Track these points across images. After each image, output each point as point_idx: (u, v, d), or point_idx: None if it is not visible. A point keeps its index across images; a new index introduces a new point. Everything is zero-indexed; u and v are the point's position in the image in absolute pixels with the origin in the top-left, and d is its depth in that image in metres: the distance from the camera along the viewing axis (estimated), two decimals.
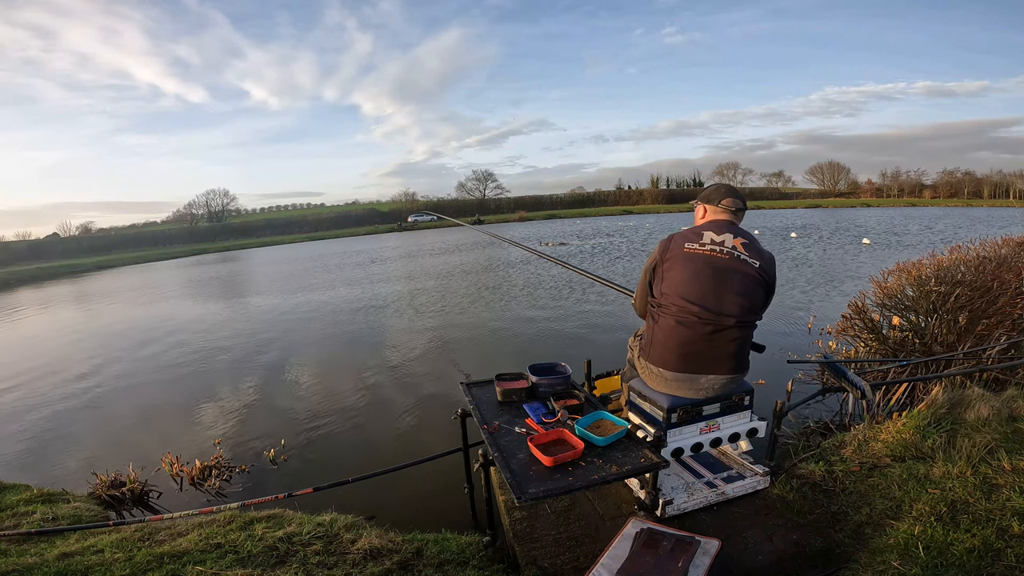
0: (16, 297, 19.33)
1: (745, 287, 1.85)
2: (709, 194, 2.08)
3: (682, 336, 1.85)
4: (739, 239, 1.93)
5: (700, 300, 1.84)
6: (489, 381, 2.25)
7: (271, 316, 10.10)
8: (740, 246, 1.91)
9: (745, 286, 1.85)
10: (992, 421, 2.27)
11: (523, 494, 1.40)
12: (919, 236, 17.58)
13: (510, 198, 69.78)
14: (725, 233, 1.94)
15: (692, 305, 1.85)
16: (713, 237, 1.93)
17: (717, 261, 1.87)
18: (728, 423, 1.91)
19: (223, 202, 65.05)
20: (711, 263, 1.87)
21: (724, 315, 1.83)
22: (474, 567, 2.04)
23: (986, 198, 53.49)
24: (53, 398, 5.95)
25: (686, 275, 1.89)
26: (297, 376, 6.12)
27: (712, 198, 2.06)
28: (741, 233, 1.96)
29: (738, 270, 1.86)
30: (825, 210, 44.62)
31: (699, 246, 1.92)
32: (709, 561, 1.50)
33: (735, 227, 1.98)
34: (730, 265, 1.86)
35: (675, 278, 1.92)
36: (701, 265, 1.88)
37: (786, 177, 76.77)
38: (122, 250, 46.82)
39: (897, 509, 1.86)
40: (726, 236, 1.93)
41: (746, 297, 1.85)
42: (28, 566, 2.12)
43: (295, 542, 2.23)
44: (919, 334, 3.67)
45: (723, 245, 1.90)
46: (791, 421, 3.38)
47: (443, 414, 4.40)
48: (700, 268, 1.88)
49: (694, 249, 1.92)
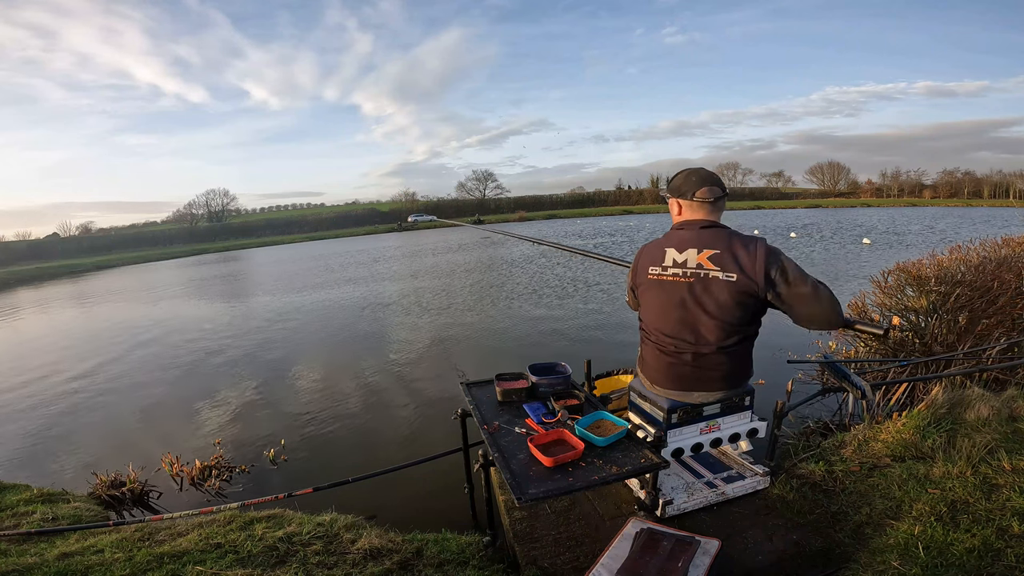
0: (16, 297, 19.33)
1: (720, 308, 1.65)
2: (679, 185, 1.79)
3: (667, 362, 1.78)
4: (706, 252, 1.68)
5: (675, 332, 1.73)
6: (489, 381, 2.25)
7: (272, 316, 10.10)
8: (708, 261, 1.67)
9: (720, 307, 1.65)
10: (992, 421, 2.27)
11: (523, 494, 1.40)
12: (919, 236, 17.58)
13: (510, 198, 69.90)
14: (689, 249, 1.71)
15: (668, 337, 1.75)
16: (675, 257, 1.73)
17: (681, 289, 1.70)
18: (728, 423, 1.90)
19: (223, 202, 65.22)
20: (676, 293, 1.71)
21: (702, 343, 1.70)
22: (474, 567, 2.04)
23: (986, 198, 53.53)
24: (54, 398, 5.95)
25: (656, 306, 1.78)
26: (298, 375, 6.12)
27: (684, 190, 1.77)
28: (711, 241, 1.69)
29: (708, 291, 1.66)
30: (825, 210, 44.65)
31: (661, 270, 1.75)
32: (709, 561, 1.50)
33: (705, 232, 1.71)
34: (696, 289, 1.67)
35: (648, 306, 1.82)
36: (666, 297, 1.74)
37: (786, 177, 76.98)
38: (122, 250, 46.89)
39: (897, 509, 1.86)
40: (689, 253, 1.70)
41: (722, 319, 1.66)
42: (28, 566, 2.12)
43: (295, 542, 2.23)
44: (919, 334, 3.67)
45: (685, 267, 1.70)
46: (791, 421, 3.38)
47: (443, 414, 4.40)
48: (665, 300, 1.74)
49: (658, 275, 1.76)
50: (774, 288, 1.63)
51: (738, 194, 68.39)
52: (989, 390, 2.74)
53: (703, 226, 1.73)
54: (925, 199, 56.82)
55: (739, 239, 1.68)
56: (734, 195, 67.04)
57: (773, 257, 1.64)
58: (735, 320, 1.67)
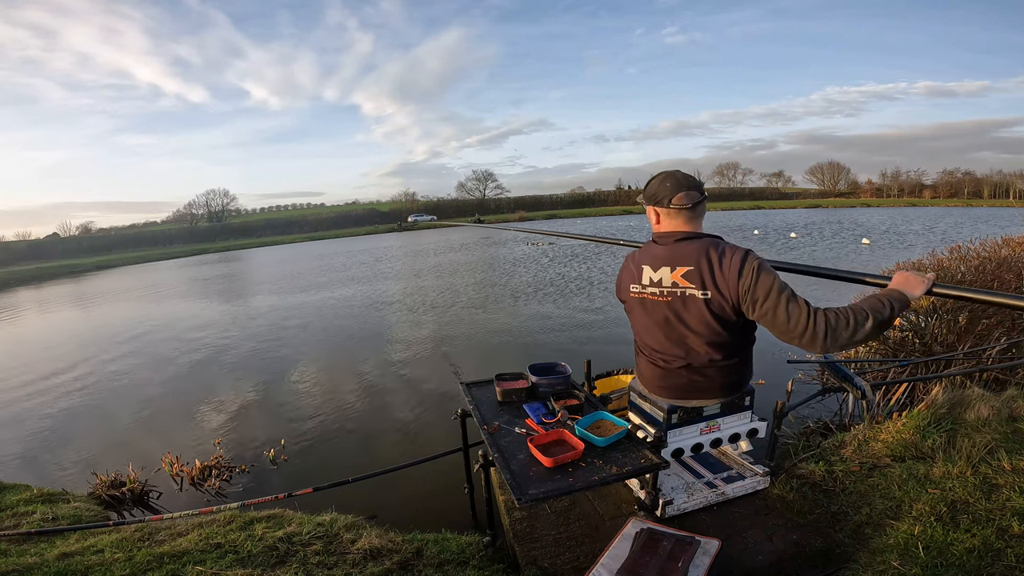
0: (16, 297, 19.33)
1: (703, 325, 1.60)
2: (655, 192, 1.67)
3: (660, 373, 1.77)
4: (680, 269, 1.61)
5: (664, 348, 1.71)
6: (489, 381, 2.24)
7: (273, 315, 10.10)
8: (682, 279, 1.61)
9: (702, 324, 1.60)
10: (992, 421, 2.27)
11: (523, 495, 1.40)
12: (919, 236, 17.58)
13: (510, 198, 69.94)
14: (663, 267, 1.65)
15: (657, 352, 1.74)
16: (651, 275, 1.68)
17: (662, 308, 1.66)
18: (728, 423, 1.90)
19: (223, 202, 65.25)
20: (657, 312, 1.68)
21: (693, 356, 1.67)
22: (474, 567, 2.04)
23: (986, 198, 53.57)
24: (54, 398, 5.95)
25: (642, 323, 1.77)
26: (298, 375, 6.13)
27: (660, 197, 1.65)
28: (685, 256, 1.61)
29: (687, 309, 1.61)
30: (825, 210, 44.65)
31: (641, 288, 1.72)
32: (709, 561, 1.50)
33: (680, 246, 1.63)
34: (676, 307, 1.63)
35: (635, 322, 1.82)
36: (647, 315, 1.72)
37: (786, 177, 77.02)
38: (122, 250, 46.91)
39: (897, 509, 1.86)
40: (663, 272, 1.65)
41: (708, 335, 1.61)
42: (28, 566, 2.12)
43: (295, 542, 2.23)
44: (919, 334, 3.68)
45: (661, 286, 1.65)
46: (791, 421, 3.38)
47: (443, 414, 4.40)
48: (647, 318, 1.73)
49: (638, 293, 1.73)
50: (748, 304, 1.52)
51: (738, 194, 68.40)
52: (989, 390, 2.74)
53: (678, 239, 1.64)
54: (925, 199, 56.88)
55: (715, 252, 1.58)
56: (734, 195, 67.09)
57: (747, 270, 1.51)
58: (722, 334, 1.61)
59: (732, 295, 1.53)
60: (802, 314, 1.42)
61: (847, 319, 1.38)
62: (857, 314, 1.38)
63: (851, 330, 1.38)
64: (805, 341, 1.43)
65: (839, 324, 1.39)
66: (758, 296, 1.49)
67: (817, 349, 1.43)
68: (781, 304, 1.45)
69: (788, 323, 1.44)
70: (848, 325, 1.38)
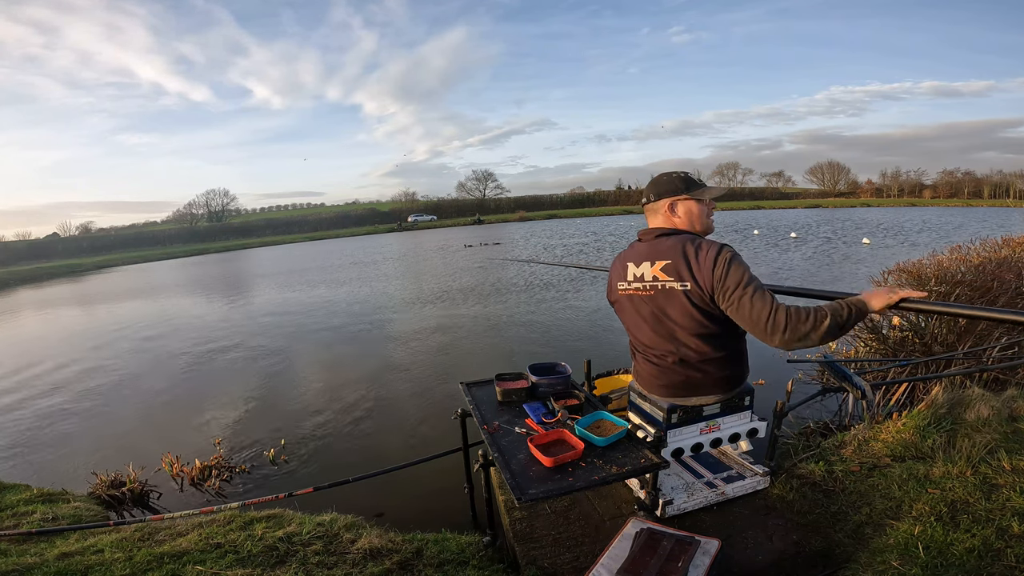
0: (16, 297, 19.34)
1: (687, 317, 1.64)
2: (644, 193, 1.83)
3: (655, 371, 1.79)
4: (659, 263, 1.67)
5: (655, 344, 1.74)
6: (489, 381, 2.25)
7: (273, 315, 10.10)
8: (661, 272, 1.67)
9: (687, 316, 1.64)
10: (992, 421, 2.27)
11: (523, 495, 1.40)
12: (919, 236, 17.58)
13: (510, 198, 69.88)
14: (644, 262, 1.72)
15: (650, 348, 1.77)
16: (634, 271, 1.75)
17: (647, 303, 1.72)
18: (728, 423, 1.90)
19: (223, 202, 65.26)
20: (644, 307, 1.73)
21: (684, 350, 1.69)
22: (474, 567, 2.04)
23: (986, 198, 53.53)
24: (53, 397, 5.95)
25: (631, 320, 1.81)
26: (298, 375, 6.13)
27: (644, 197, 1.82)
28: (664, 251, 1.68)
29: (670, 302, 1.66)
30: (825, 210, 44.62)
31: (627, 285, 1.78)
32: (709, 561, 1.50)
33: (660, 241, 1.71)
34: (660, 301, 1.68)
35: (626, 320, 1.85)
36: (635, 311, 1.77)
37: (786, 177, 76.94)
38: (122, 250, 46.94)
39: (897, 509, 1.86)
40: (644, 267, 1.72)
41: (694, 328, 1.65)
42: (28, 566, 2.12)
43: (295, 542, 2.23)
44: (919, 334, 3.67)
45: (644, 280, 1.72)
46: (791, 421, 3.38)
47: (443, 414, 4.40)
48: (634, 314, 1.78)
49: (625, 290, 1.80)
50: (720, 294, 1.56)
51: (738, 194, 68.26)
52: (989, 390, 2.74)
53: (659, 234, 1.73)
54: (925, 199, 56.84)
55: (691, 246, 1.63)
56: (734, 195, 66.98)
57: (720, 261, 1.56)
58: (708, 326, 1.64)
59: (707, 286, 1.59)
60: (765, 306, 1.49)
61: (807, 315, 1.47)
62: (817, 312, 1.47)
63: (810, 325, 1.46)
64: (767, 333, 1.49)
65: (799, 319, 1.46)
66: (728, 286, 1.55)
67: (777, 341, 1.49)
68: (747, 295, 1.52)
69: (752, 314, 1.51)
70: (807, 320, 1.46)
